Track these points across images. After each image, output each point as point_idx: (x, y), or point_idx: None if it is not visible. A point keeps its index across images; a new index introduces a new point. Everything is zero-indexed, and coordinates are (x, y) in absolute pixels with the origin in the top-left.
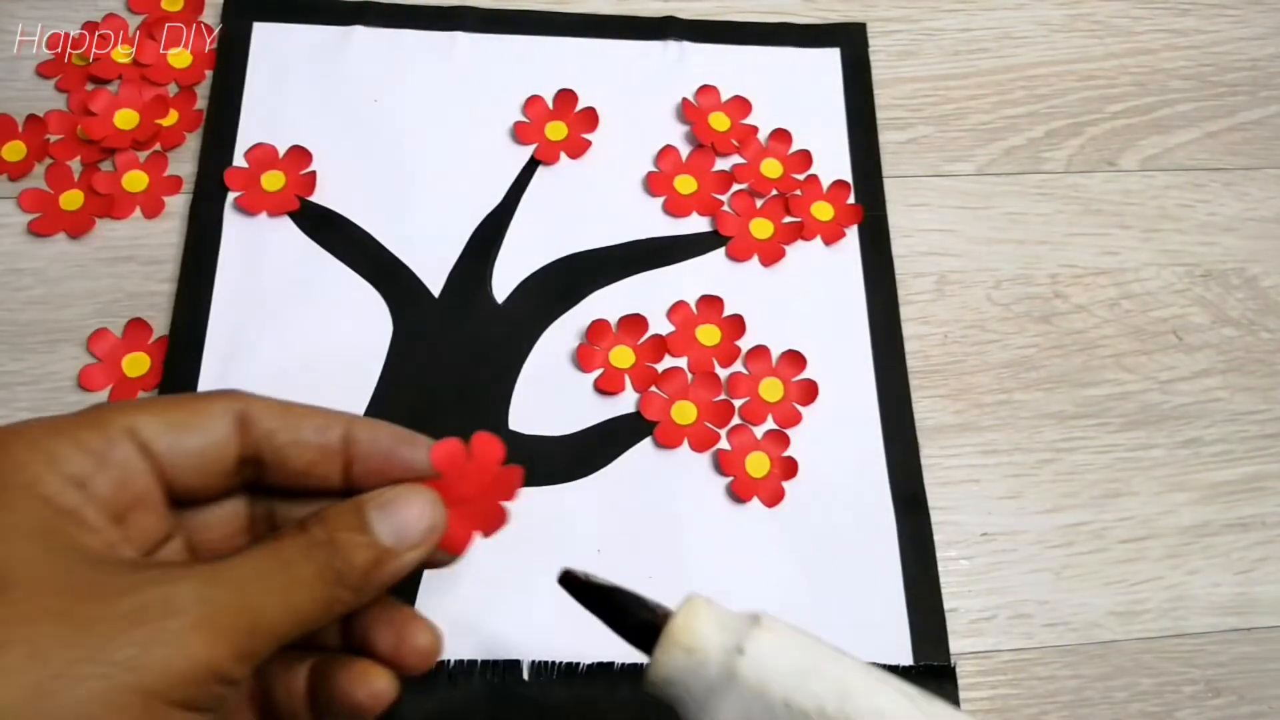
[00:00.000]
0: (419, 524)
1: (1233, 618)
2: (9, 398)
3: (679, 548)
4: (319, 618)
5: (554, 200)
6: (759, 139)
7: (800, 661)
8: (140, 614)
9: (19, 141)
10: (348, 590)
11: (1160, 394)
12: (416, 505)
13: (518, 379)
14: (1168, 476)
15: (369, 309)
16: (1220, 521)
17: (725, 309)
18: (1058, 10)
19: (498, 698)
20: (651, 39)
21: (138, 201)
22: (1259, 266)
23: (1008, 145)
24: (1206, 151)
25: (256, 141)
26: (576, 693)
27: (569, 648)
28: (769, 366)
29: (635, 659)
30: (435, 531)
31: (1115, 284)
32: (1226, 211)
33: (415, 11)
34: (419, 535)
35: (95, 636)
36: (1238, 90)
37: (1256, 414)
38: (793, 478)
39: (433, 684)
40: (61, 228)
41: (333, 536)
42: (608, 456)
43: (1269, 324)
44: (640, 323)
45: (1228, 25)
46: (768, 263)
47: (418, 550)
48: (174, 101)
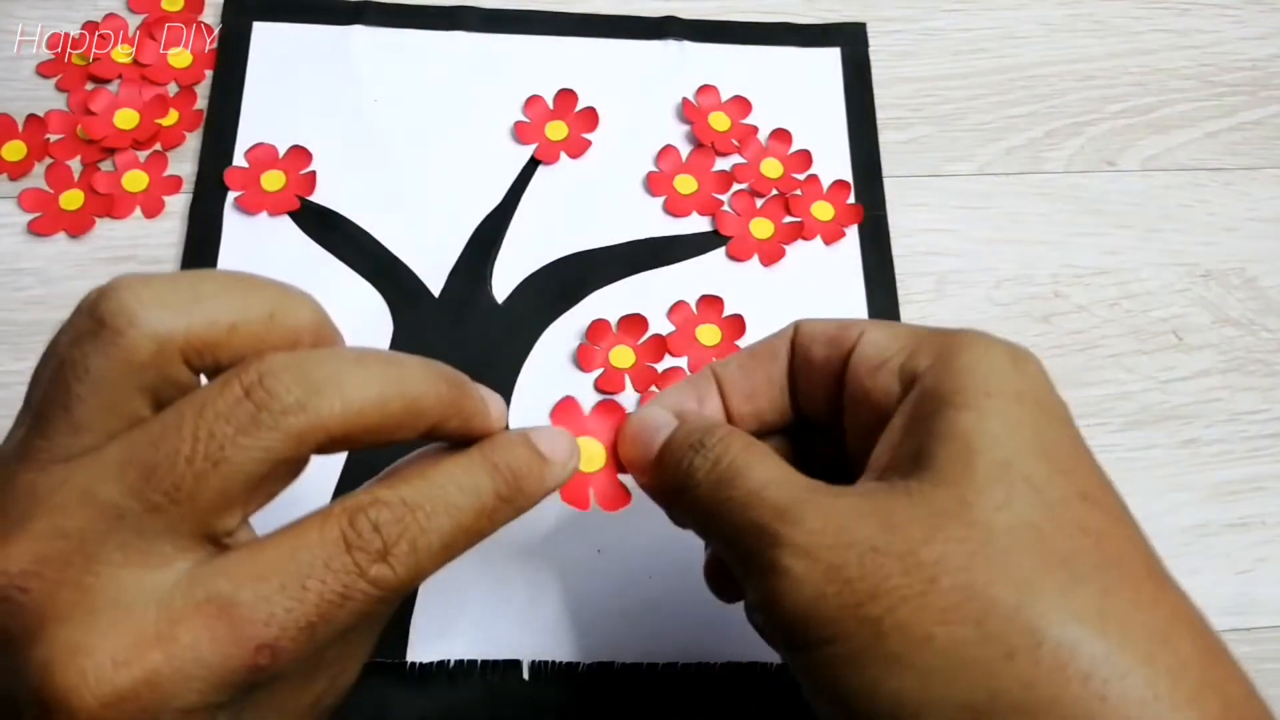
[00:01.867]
0: (567, 449)
1: (1233, 618)
2: (9, 398)
3: (679, 547)
4: (482, 527)
5: (554, 200)
6: (759, 139)
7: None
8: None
9: (19, 141)
10: (508, 495)
11: (1160, 394)
12: (564, 437)
13: (518, 379)
14: (1168, 476)
15: (369, 308)
16: (1220, 521)
17: (725, 309)
18: (1058, 10)
19: (497, 698)
20: (652, 39)
21: (138, 201)
22: (1259, 266)
23: (1008, 145)
24: (1206, 151)
25: (256, 141)
26: (576, 693)
27: (569, 648)
28: None
29: (635, 659)
30: (574, 461)
31: (1115, 284)
32: (1226, 211)
33: (415, 11)
34: (566, 456)
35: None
36: (1238, 90)
37: (1256, 414)
38: None
39: (432, 684)
40: (61, 227)
41: (497, 446)
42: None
43: (1269, 324)
44: (640, 322)
45: (1228, 25)
46: (768, 262)
47: (565, 469)
48: (174, 101)
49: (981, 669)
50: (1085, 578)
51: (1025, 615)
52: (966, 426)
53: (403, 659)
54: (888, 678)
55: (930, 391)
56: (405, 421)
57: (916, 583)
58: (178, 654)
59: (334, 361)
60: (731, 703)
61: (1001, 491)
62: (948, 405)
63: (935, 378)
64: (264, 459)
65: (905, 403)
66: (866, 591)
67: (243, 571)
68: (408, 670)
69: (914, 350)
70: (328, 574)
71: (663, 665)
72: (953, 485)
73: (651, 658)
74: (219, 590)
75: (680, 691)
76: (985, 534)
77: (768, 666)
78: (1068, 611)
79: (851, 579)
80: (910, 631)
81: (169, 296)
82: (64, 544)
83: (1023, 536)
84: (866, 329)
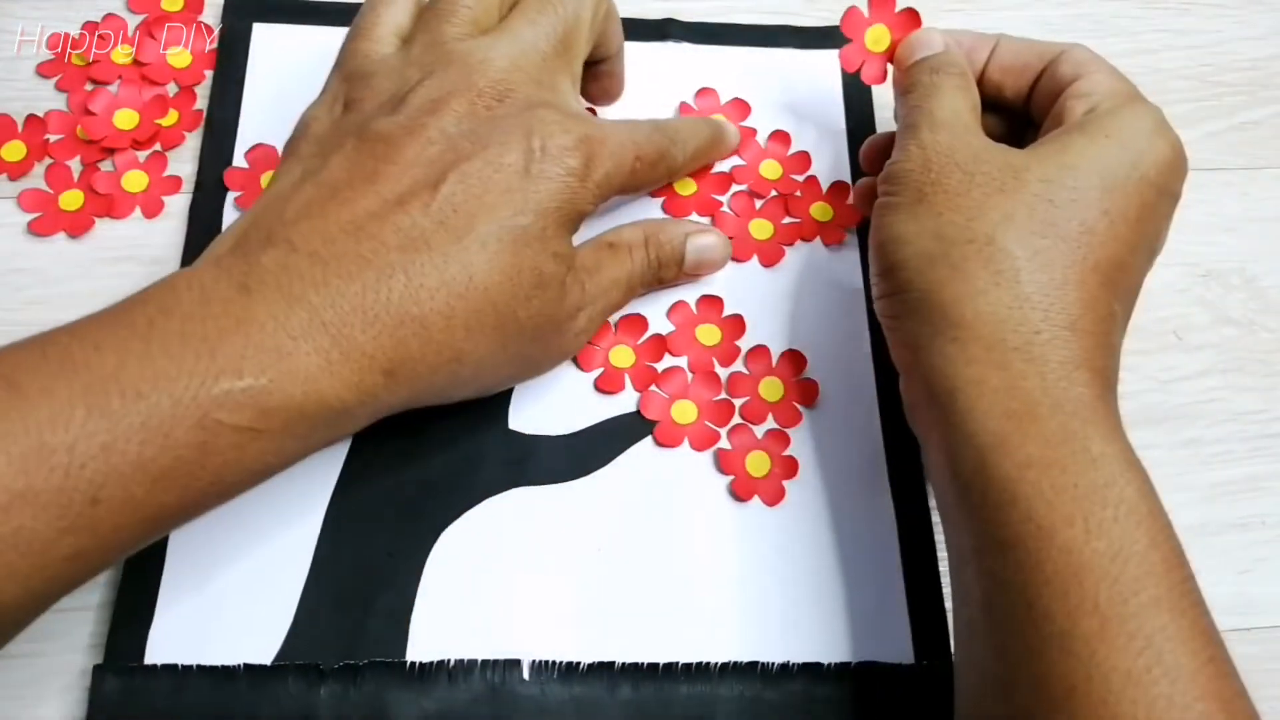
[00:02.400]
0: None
1: (1233, 618)
2: None
3: (680, 546)
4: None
5: None
6: (758, 140)
7: None
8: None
9: (19, 141)
10: (656, 263)
11: (1160, 394)
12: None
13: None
14: (1168, 476)
15: None
16: (1220, 521)
17: (725, 309)
18: (1058, 10)
19: (498, 697)
20: (651, 40)
21: (137, 202)
22: (1259, 266)
23: None
24: (1206, 151)
25: (256, 142)
26: (577, 692)
27: (570, 647)
28: (769, 366)
29: (635, 658)
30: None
31: None
32: (1226, 211)
33: None
34: (714, 256)
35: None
36: (1238, 90)
37: (1256, 414)
38: (793, 477)
39: (433, 684)
40: (61, 228)
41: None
42: (608, 456)
43: (1269, 324)
44: (640, 322)
45: (1228, 25)
46: (767, 263)
47: (709, 260)
48: (174, 101)
49: (947, 228)
50: (1044, 253)
51: (1004, 239)
52: (1074, 145)
53: (403, 658)
54: (915, 217)
55: (1088, 116)
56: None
57: (963, 190)
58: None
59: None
60: (734, 702)
61: (1045, 199)
62: (1083, 126)
63: (1100, 111)
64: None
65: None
66: (938, 177)
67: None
68: (408, 669)
69: (1108, 99)
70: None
71: (664, 665)
72: (1028, 171)
73: (653, 657)
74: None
75: (680, 691)
76: (1017, 206)
77: (769, 666)
78: (1016, 246)
79: (940, 166)
80: (936, 201)
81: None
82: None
83: (1029, 225)
84: (1089, 75)
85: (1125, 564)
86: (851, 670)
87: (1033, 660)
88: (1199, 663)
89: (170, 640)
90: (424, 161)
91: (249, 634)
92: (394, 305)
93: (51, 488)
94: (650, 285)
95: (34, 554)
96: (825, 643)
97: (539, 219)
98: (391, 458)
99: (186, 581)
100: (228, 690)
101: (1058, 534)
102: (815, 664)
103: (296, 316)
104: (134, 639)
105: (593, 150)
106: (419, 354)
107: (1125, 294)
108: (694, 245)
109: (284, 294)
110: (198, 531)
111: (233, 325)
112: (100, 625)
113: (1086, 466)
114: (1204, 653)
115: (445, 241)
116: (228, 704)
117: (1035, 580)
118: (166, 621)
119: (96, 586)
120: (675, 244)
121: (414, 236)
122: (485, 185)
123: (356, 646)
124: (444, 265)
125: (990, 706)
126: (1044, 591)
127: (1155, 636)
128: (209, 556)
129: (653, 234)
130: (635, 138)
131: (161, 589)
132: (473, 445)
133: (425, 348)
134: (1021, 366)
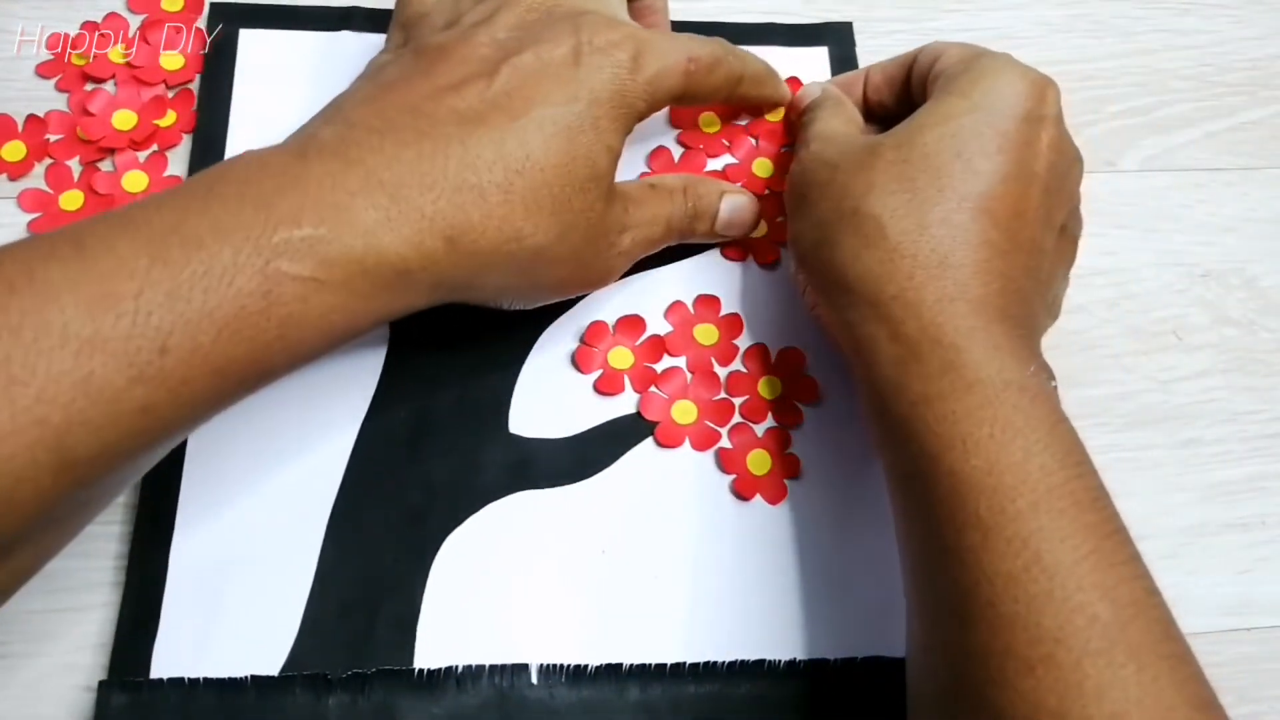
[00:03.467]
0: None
1: (1232, 617)
2: None
3: (683, 546)
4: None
5: None
6: (750, 139)
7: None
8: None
9: (19, 141)
10: (692, 212)
11: (1160, 394)
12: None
13: (517, 381)
14: (1167, 476)
15: None
16: (1220, 521)
17: (722, 308)
18: (1057, 10)
19: (507, 702)
20: None
21: None
22: (1259, 266)
23: None
24: (1206, 151)
25: (246, 147)
26: (585, 694)
27: (576, 649)
28: (768, 365)
29: (642, 659)
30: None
31: (1115, 284)
32: (1226, 211)
33: None
34: (745, 216)
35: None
36: (1238, 90)
37: (1256, 414)
38: (795, 475)
39: (441, 690)
40: (61, 228)
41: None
42: (609, 457)
43: (1269, 324)
44: (638, 323)
45: (1228, 25)
46: (763, 261)
47: (740, 220)
48: (172, 102)
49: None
50: (905, 205)
51: (866, 206)
52: (923, 111)
53: (410, 665)
54: (801, 215)
55: (943, 82)
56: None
57: (830, 179)
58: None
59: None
60: (742, 701)
61: (900, 160)
62: (943, 92)
63: (946, 76)
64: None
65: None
66: (812, 177)
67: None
68: (416, 677)
69: (954, 65)
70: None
71: (671, 665)
72: (883, 145)
73: (659, 658)
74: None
75: (687, 691)
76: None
77: (776, 664)
78: (879, 207)
79: (813, 169)
80: (812, 196)
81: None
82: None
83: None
84: (941, 56)
85: (1001, 475)
86: (858, 665)
87: (936, 580)
88: (1078, 556)
89: (175, 652)
90: (477, 59)
91: (255, 645)
92: (451, 172)
93: (120, 335)
94: (685, 234)
95: (105, 402)
96: (832, 639)
97: (592, 107)
98: (393, 464)
99: (190, 593)
100: (235, 702)
101: (942, 459)
102: (822, 660)
103: (354, 175)
104: (139, 652)
105: (641, 47)
106: (479, 225)
107: (1010, 220)
108: (728, 203)
109: (340, 157)
110: (201, 542)
111: (290, 183)
112: (101, 625)
113: (963, 392)
114: (1084, 547)
115: (502, 120)
116: (236, 716)
117: (929, 504)
118: (171, 633)
119: (97, 587)
120: (712, 198)
121: (470, 115)
122: (539, 74)
123: (363, 655)
124: (501, 141)
125: (916, 632)
126: (936, 513)
127: (1031, 538)
128: (212, 567)
129: (691, 185)
130: (688, 42)
131: (165, 600)
132: (474, 449)
133: (486, 220)
134: (899, 313)
